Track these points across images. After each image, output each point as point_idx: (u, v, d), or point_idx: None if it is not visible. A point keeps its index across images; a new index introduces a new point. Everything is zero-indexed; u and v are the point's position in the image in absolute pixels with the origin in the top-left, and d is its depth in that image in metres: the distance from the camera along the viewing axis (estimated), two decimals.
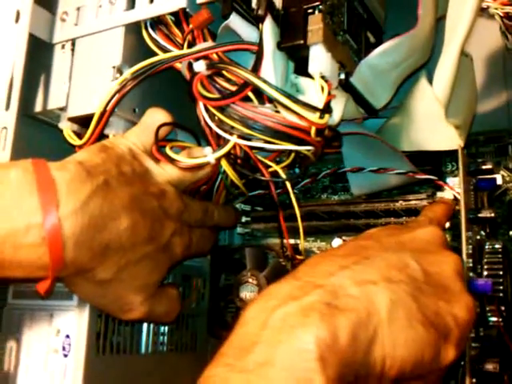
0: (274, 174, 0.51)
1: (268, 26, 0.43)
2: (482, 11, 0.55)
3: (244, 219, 0.62)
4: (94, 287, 0.45)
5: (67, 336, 0.47)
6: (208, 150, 0.47)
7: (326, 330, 0.30)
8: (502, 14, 0.55)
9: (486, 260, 0.45)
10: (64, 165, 0.42)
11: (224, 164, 0.50)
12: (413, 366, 0.33)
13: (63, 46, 0.53)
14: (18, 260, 0.39)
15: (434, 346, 0.33)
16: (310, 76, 0.44)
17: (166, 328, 0.57)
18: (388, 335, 0.32)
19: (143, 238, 0.45)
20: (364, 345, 0.31)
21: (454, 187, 0.50)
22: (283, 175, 0.50)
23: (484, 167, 0.48)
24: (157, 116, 0.49)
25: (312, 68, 0.44)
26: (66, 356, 0.47)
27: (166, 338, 0.57)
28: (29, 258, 0.40)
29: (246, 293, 0.55)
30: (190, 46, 0.47)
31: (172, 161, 0.48)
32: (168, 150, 0.48)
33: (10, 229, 0.39)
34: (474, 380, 0.39)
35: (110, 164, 0.44)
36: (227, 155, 0.49)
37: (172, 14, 0.48)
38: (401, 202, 0.52)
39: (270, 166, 0.50)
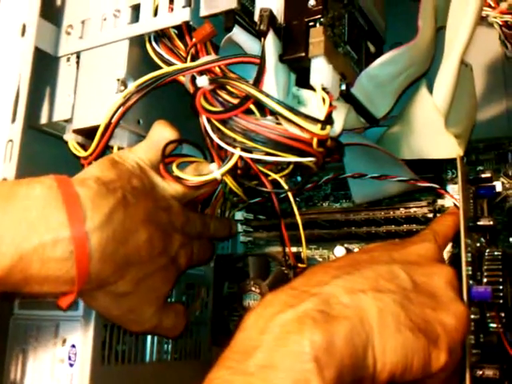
0: (274, 181, 0.51)
1: (270, 40, 0.44)
2: (482, 20, 0.56)
3: (246, 228, 0.63)
4: (111, 300, 0.45)
5: (73, 346, 0.48)
6: (214, 166, 0.48)
7: (321, 334, 0.31)
8: (500, 23, 0.56)
9: (485, 267, 0.45)
10: (84, 181, 0.43)
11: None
12: (402, 369, 0.34)
13: (68, 59, 0.54)
14: (45, 275, 0.40)
15: (423, 350, 0.34)
16: (311, 88, 0.45)
17: None
18: (378, 341, 0.33)
19: (158, 250, 0.46)
20: (360, 349, 0.33)
21: (454, 195, 0.50)
22: (285, 185, 0.50)
23: (483, 176, 0.48)
24: (164, 133, 0.50)
25: (313, 80, 0.44)
26: (71, 366, 0.48)
27: (170, 346, 0.57)
28: (56, 272, 0.40)
29: (249, 301, 0.56)
30: (193, 59, 0.48)
31: (179, 180, 0.48)
32: (175, 169, 0.49)
33: (37, 243, 0.39)
34: None
35: (123, 179, 0.45)
36: None
37: (175, 27, 0.49)
38: (401, 209, 0.53)
39: (270, 175, 0.51)
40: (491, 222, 0.46)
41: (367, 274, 0.37)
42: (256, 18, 0.44)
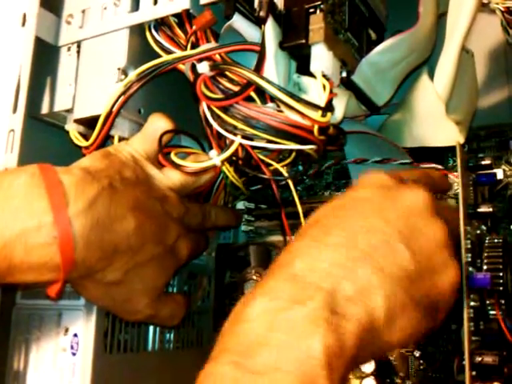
0: (276, 170, 0.51)
1: (270, 27, 0.44)
2: (483, 6, 0.55)
3: (248, 217, 0.63)
4: (101, 289, 0.45)
5: (75, 335, 0.48)
6: (213, 152, 0.48)
7: (333, 338, 0.31)
8: (502, 9, 0.55)
9: (485, 254, 0.45)
10: (69, 169, 0.43)
11: (224, 165, 0.50)
12: (406, 342, 0.36)
13: (69, 49, 0.54)
14: (29, 262, 0.40)
15: (427, 322, 0.36)
16: (312, 75, 0.45)
17: None
18: (386, 327, 0.34)
19: (150, 239, 0.46)
20: (368, 344, 0.33)
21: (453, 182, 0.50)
22: (285, 173, 0.50)
23: (483, 163, 0.48)
24: (159, 123, 0.49)
25: (314, 67, 0.44)
26: (74, 355, 0.48)
27: (172, 335, 0.58)
28: (40, 258, 0.40)
29: (250, 290, 0.56)
30: (194, 46, 0.48)
31: (178, 166, 0.48)
32: (173, 156, 0.49)
33: (20, 230, 0.39)
34: (473, 373, 0.40)
35: (112, 170, 0.45)
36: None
37: (175, 15, 0.49)
38: None
39: (272, 165, 0.51)
40: (491, 209, 0.45)
41: (368, 257, 0.35)
42: (255, 4, 0.44)
